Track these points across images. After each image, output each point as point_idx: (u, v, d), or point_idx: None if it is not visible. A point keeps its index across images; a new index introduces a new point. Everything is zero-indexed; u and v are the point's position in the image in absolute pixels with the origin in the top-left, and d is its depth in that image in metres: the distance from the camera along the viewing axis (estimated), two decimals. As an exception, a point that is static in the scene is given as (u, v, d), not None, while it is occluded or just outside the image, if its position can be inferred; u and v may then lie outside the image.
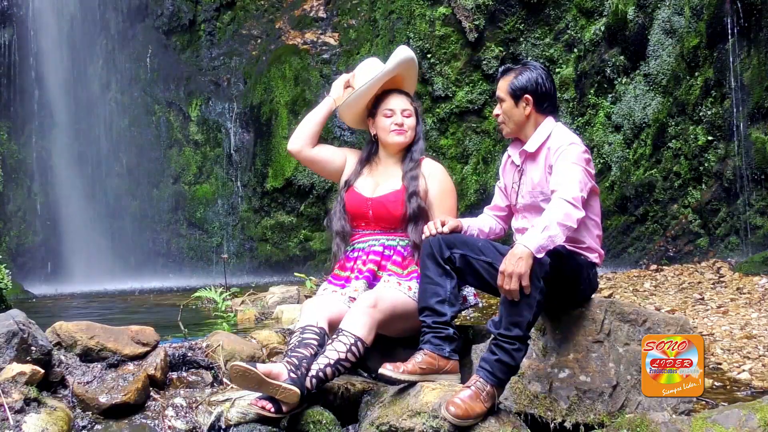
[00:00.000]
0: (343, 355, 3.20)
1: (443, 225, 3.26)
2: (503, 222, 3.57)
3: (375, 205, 3.68)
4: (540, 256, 2.89)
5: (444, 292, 3.18)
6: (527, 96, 3.30)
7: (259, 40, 11.63)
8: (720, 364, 4.10)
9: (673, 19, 8.15)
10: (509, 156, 3.48)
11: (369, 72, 3.80)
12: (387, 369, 3.09)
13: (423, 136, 3.86)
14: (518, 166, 3.39)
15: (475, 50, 9.52)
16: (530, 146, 3.32)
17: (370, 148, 3.87)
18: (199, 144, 11.19)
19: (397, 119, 3.73)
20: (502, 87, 3.36)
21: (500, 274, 2.89)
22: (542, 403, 3.14)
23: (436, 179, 3.70)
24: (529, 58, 9.19)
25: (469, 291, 3.63)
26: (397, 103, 3.76)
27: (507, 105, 3.35)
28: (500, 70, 3.47)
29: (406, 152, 3.78)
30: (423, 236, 3.31)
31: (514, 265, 2.86)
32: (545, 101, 3.32)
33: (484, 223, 3.52)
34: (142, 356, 3.33)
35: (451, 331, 3.20)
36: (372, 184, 3.76)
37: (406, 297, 3.46)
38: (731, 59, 7.36)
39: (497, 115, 3.42)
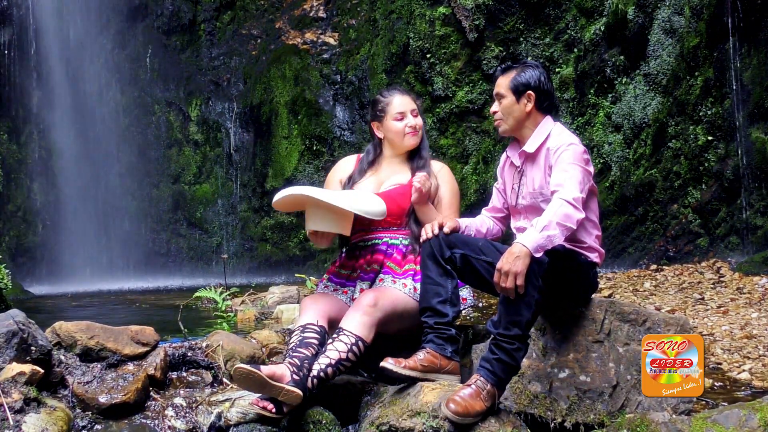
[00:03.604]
0: (344, 355, 3.20)
1: (441, 227, 3.25)
2: (501, 223, 3.56)
3: (382, 199, 3.66)
4: (538, 255, 2.89)
5: (445, 293, 3.18)
6: (530, 92, 3.29)
7: (259, 40, 11.64)
8: (720, 364, 4.10)
9: (673, 18, 8.14)
10: (508, 157, 3.47)
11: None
12: (389, 363, 3.09)
13: (426, 132, 3.89)
14: (518, 167, 3.39)
15: (475, 50, 9.52)
16: (529, 147, 3.31)
17: (374, 152, 3.85)
18: (199, 144, 11.19)
19: (410, 121, 3.73)
20: (503, 84, 3.35)
21: (497, 272, 2.89)
22: (542, 403, 3.14)
23: (445, 180, 3.74)
24: (529, 58, 9.19)
25: (468, 292, 3.63)
26: (405, 104, 3.76)
27: (507, 101, 3.33)
28: (500, 67, 3.45)
29: (411, 150, 3.79)
30: (422, 238, 3.30)
31: (511, 263, 2.86)
32: (546, 100, 3.32)
33: (481, 224, 3.51)
34: (142, 356, 3.33)
35: (453, 331, 3.20)
36: (376, 182, 3.76)
37: (405, 295, 3.46)
38: (731, 59, 7.35)
39: (495, 112, 3.40)
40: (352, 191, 3.70)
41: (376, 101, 3.83)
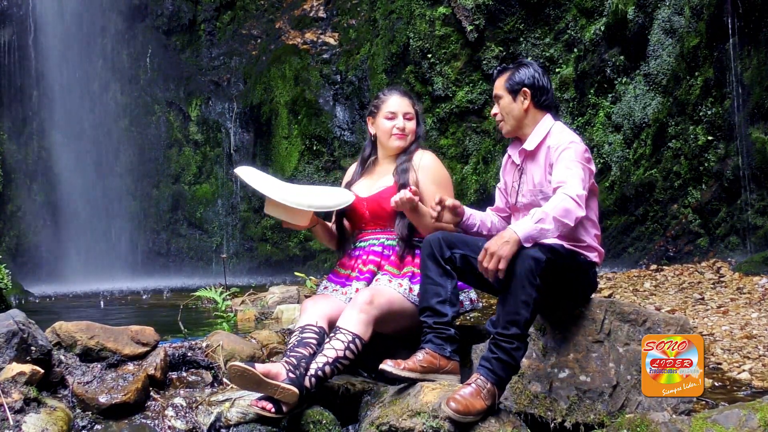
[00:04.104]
0: (341, 353, 3.20)
1: (442, 202, 3.27)
2: (506, 222, 3.57)
3: (370, 203, 3.68)
4: (527, 245, 2.89)
5: (445, 293, 3.18)
6: (525, 89, 3.31)
7: (259, 40, 11.64)
8: (720, 364, 4.10)
9: (673, 18, 8.15)
10: (509, 156, 3.48)
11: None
12: (388, 365, 3.09)
13: (423, 136, 3.85)
14: (518, 165, 3.40)
15: (475, 50, 9.52)
16: (529, 144, 3.32)
17: (370, 147, 3.88)
18: (199, 144, 11.19)
19: (399, 123, 3.72)
20: (499, 84, 3.38)
21: (483, 251, 2.90)
22: (542, 403, 3.14)
23: (426, 169, 3.65)
24: (529, 58, 9.19)
25: (466, 296, 3.63)
26: (399, 105, 3.75)
27: (505, 101, 3.36)
28: (496, 70, 3.48)
29: (403, 152, 3.78)
30: (432, 207, 3.29)
31: (499, 246, 2.88)
32: (543, 95, 3.33)
33: (486, 217, 3.53)
34: (142, 356, 3.33)
35: (452, 331, 3.20)
36: (368, 184, 3.77)
37: (400, 295, 3.46)
38: (731, 59, 7.35)
39: (495, 114, 3.42)
40: (316, 187, 3.80)
41: (376, 97, 3.87)
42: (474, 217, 3.45)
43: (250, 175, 3.58)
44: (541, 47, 9.27)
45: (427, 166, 3.67)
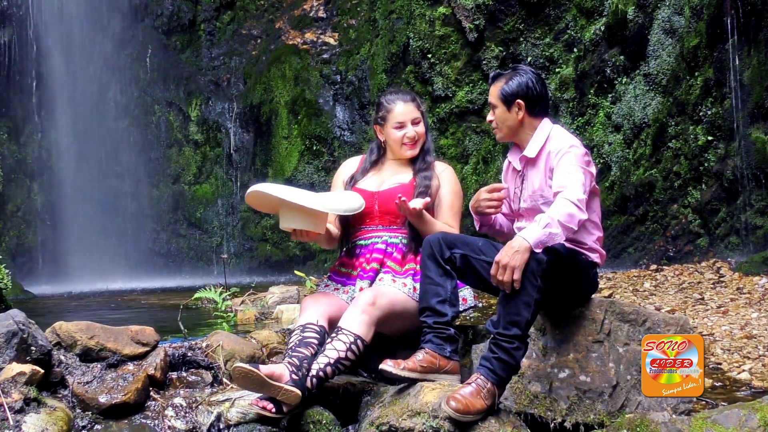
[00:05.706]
0: (342, 354, 3.21)
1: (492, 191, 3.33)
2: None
3: (382, 198, 3.67)
4: (538, 251, 2.89)
5: (445, 293, 3.18)
6: (519, 101, 3.29)
7: (259, 40, 11.64)
8: (720, 364, 4.10)
9: (673, 19, 8.15)
10: (510, 162, 3.48)
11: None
12: (388, 365, 3.09)
13: (429, 132, 3.86)
14: (519, 171, 3.40)
15: (475, 50, 9.52)
16: (530, 151, 3.31)
17: (377, 153, 3.87)
18: (199, 144, 11.19)
19: (410, 132, 3.72)
20: (493, 93, 3.35)
21: (494, 264, 2.89)
22: (542, 403, 3.14)
23: (447, 181, 3.73)
24: (529, 59, 9.20)
25: (467, 293, 3.63)
26: (406, 114, 3.74)
27: (499, 111, 3.34)
28: (491, 76, 3.46)
29: (419, 155, 3.80)
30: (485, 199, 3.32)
31: (510, 257, 2.87)
32: (537, 105, 3.31)
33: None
34: (142, 356, 3.33)
35: (452, 331, 3.21)
36: (377, 180, 3.77)
37: (404, 294, 3.46)
38: (731, 59, 7.35)
39: (490, 121, 3.41)
40: (325, 193, 3.76)
41: (380, 105, 3.83)
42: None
43: (265, 188, 3.50)
44: (541, 47, 9.27)
45: (448, 178, 3.76)
